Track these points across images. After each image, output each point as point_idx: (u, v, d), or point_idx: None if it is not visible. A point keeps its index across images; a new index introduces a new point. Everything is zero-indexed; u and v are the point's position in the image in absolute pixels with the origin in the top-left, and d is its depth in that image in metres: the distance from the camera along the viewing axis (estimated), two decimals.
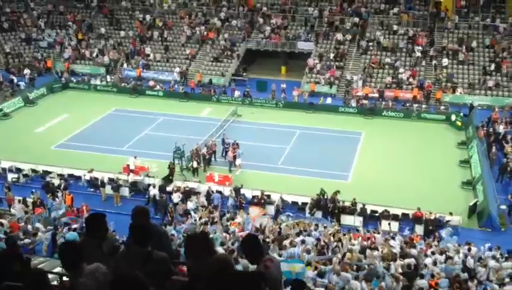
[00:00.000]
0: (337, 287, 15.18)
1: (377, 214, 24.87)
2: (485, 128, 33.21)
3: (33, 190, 25.54)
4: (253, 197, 26.01)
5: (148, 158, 30.16)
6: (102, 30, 50.46)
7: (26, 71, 44.34)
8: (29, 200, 24.12)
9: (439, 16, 46.35)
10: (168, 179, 27.78)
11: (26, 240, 19.20)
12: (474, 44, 43.54)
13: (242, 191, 26.18)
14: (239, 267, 12.00)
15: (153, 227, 6.21)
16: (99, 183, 27.06)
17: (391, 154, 32.06)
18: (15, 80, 42.77)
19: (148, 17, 50.88)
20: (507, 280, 16.53)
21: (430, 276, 16.70)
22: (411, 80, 41.75)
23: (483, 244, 20.76)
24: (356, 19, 47.02)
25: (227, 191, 26.45)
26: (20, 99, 39.90)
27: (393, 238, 21.26)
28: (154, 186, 26.28)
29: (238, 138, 31.39)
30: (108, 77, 45.33)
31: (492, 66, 41.65)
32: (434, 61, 43.09)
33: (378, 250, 18.77)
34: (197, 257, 4.63)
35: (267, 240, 19.44)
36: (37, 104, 40.49)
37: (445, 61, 42.76)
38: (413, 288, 15.81)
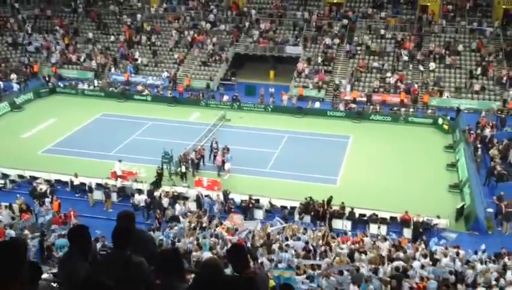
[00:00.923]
0: None
1: (365, 218, 24.93)
2: (472, 132, 33.44)
3: (17, 195, 25.33)
4: (242, 201, 26.00)
5: (136, 163, 30.04)
6: (90, 34, 50.22)
7: (13, 76, 43.98)
8: (16, 206, 23.87)
9: (426, 20, 46.69)
10: (156, 184, 27.66)
11: None
12: (460, 48, 43.91)
13: (231, 195, 26.13)
14: (228, 271, 11.96)
15: (140, 233, 6.14)
16: (86, 188, 26.87)
17: (379, 158, 32.16)
18: (1, 85, 42.39)
19: (138, 17, 50.58)
20: (494, 282, 16.63)
21: (419, 279, 16.75)
22: (398, 83, 41.99)
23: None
24: (345, 21, 47.25)
25: (215, 195, 26.37)
26: (6, 104, 39.52)
27: (385, 239, 21.34)
28: (141, 192, 26.13)
29: (227, 143, 31.34)
30: (96, 81, 45.10)
31: (479, 70, 41.98)
32: (421, 65, 43.40)
33: (366, 254, 18.82)
34: (165, 276, 4.38)
35: (256, 244, 19.41)
36: (23, 109, 40.13)
37: (432, 65, 43.08)
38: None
